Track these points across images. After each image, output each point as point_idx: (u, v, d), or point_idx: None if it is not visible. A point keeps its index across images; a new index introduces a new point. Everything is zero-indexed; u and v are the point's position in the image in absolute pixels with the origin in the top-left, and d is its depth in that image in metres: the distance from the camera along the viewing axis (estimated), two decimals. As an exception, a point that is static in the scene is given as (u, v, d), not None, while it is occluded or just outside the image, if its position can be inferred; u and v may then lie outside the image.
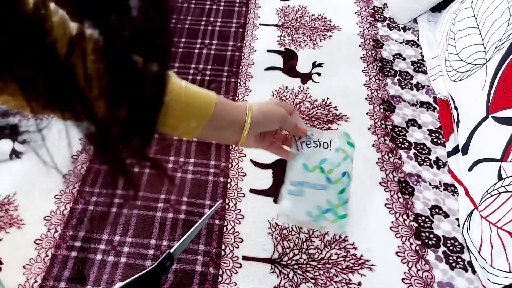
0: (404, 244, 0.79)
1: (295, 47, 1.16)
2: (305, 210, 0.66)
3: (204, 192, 0.87)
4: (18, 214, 0.84)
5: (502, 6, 0.84)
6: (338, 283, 0.75)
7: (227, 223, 0.83)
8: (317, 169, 0.65)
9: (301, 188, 0.65)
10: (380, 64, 1.11)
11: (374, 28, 1.21)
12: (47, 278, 0.76)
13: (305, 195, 0.65)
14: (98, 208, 0.85)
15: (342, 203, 0.68)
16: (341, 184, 0.67)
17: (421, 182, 0.88)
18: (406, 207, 0.84)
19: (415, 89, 1.05)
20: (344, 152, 0.66)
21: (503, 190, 0.71)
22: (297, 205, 0.66)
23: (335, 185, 0.66)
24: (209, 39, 1.19)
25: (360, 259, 0.78)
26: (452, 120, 0.94)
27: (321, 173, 0.65)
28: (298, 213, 0.67)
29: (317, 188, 0.66)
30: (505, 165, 0.72)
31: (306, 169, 0.65)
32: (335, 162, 0.66)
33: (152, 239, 0.80)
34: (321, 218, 0.67)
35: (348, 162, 0.67)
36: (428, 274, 0.76)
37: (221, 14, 1.27)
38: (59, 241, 0.80)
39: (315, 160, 0.65)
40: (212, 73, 1.10)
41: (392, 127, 0.97)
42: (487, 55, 0.84)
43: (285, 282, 0.75)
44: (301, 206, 0.66)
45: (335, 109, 1.01)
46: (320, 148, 0.66)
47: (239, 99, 1.04)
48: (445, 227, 0.81)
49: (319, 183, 0.65)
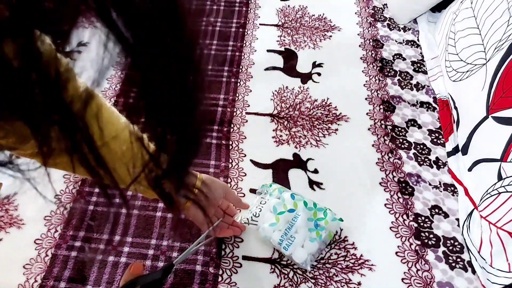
0: (404, 244, 0.79)
1: (295, 47, 1.16)
2: (309, 241, 0.75)
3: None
4: (18, 214, 0.84)
5: (502, 7, 0.84)
6: (338, 283, 0.75)
7: (227, 223, 0.83)
8: (278, 217, 0.77)
9: (287, 236, 0.75)
10: (380, 64, 1.11)
11: (374, 28, 1.21)
12: (47, 278, 0.76)
13: (295, 235, 0.75)
14: (98, 208, 0.85)
15: (315, 208, 0.79)
16: (298, 202, 0.79)
17: (421, 182, 0.88)
18: (406, 207, 0.84)
19: (415, 89, 1.05)
20: (274, 189, 0.82)
21: (503, 190, 0.71)
22: (302, 245, 0.75)
23: (297, 208, 0.78)
24: (209, 39, 1.19)
25: (360, 259, 0.78)
26: (452, 120, 0.94)
27: (283, 215, 0.77)
28: (309, 248, 0.75)
29: (294, 222, 0.76)
30: (505, 165, 0.72)
31: (273, 225, 0.76)
32: (279, 200, 0.80)
33: (152, 239, 0.80)
34: (321, 232, 0.76)
35: (283, 189, 0.83)
36: (427, 274, 0.76)
37: (221, 14, 1.27)
38: (59, 241, 0.80)
39: (270, 217, 0.78)
40: (212, 73, 1.10)
41: (392, 127, 0.97)
42: (487, 55, 0.84)
43: (285, 282, 0.75)
44: (304, 243, 0.75)
45: (335, 109, 1.01)
46: (263, 208, 0.80)
47: (239, 99, 1.04)
48: (445, 227, 0.81)
49: (290, 219, 0.77)
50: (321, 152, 0.93)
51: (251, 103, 1.03)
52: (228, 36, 1.20)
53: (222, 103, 1.03)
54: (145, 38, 0.24)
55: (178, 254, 0.78)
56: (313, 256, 0.75)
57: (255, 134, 0.97)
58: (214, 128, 0.98)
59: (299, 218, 0.76)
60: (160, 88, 0.27)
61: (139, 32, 0.23)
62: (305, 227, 0.76)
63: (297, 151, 0.93)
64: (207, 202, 0.66)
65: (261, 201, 0.81)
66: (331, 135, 0.96)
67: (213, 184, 0.66)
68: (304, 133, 0.96)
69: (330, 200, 0.85)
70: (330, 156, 0.93)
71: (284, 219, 0.76)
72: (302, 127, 0.98)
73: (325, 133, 0.97)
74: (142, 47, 0.24)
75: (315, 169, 0.90)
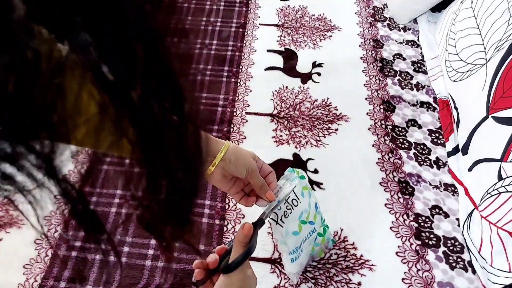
0: (404, 244, 0.79)
1: (295, 47, 1.16)
2: (307, 256, 0.72)
3: (204, 192, 0.87)
4: (18, 214, 0.84)
5: (502, 7, 0.84)
6: (338, 283, 0.75)
7: (227, 223, 0.83)
8: (301, 226, 0.68)
9: (298, 251, 0.69)
10: (380, 64, 1.11)
11: (374, 28, 1.21)
12: (47, 278, 0.76)
13: (303, 248, 0.70)
14: (98, 208, 0.85)
15: (322, 223, 0.73)
16: (318, 215, 0.71)
17: (421, 182, 0.88)
18: (406, 207, 0.84)
19: (415, 89, 1.05)
20: (306, 188, 0.69)
21: (503, 190, 0.71)
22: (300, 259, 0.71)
23: (316, 222, 0.70)
24: (209, 39, 1.19)
25: (360, 259, 0.78)
26: (452, 120, 0.94)
27: (305, 225, 0.68)
28: (302, 261, 0.72)
29: (309, 237, 0.70)
30: (505, 165, 0.72)
31: (296, 234, 0.67)
32: (307, 206, 0.68)
33: (152, 239, 0.80)
34: (316, 247, 0.73)
35: (312, 193, 0.70)
36: (428, 274, 0.76)
37: (221, 14, 1.27)
38: (59, 241, 0.80)
39: (294, 222, 0.67)
40: (212, 73, 1.10)
41: (392, 127, 0.97)
42: (487, 55, 0.84)
43: (285, 282, 0.75)
44: (303, 257, 0.71)
45: (335, 109, 1.01)
46: (293, 209, 0.66)
47: (239, 99, 1.04)
48: (445, 227, 0.81)
49: (307, 233, 0.70)
50: (321, 152, 0.93)
51: (251, 103, 1.03)
52: (228, 36, 1.20)
53: (222, 103, 1.03)
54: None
55: (177, 254, 0.78)
56: (302, 267, 0.73)
57: (255, 134, 0.97)
58: (214, 128, 0.98)
59: (314, 234, 0.70)
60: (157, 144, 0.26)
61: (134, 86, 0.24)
62: (312, 243, 0.71)
63: (297, 151, 0.93)
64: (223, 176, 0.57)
65: (292, 200, 0.66)
66: (331, 135, 0.96)
67: (238, 161, 0.57)
68: (304, 133, 0.96)
69: (330, 200, 0.85)
70: (330, 156, 0.92)
71: (304, 230, 0.68)
72: (302, 127, 0.98)
73: (325, 133, 0.97)
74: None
75: (315, 169, 0.90)
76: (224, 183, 0.59)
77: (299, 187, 0.66)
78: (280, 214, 0.66)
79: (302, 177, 0.68)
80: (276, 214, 0.66)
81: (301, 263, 0.72)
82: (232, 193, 0.62)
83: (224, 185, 0.60)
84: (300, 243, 0.69)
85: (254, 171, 0.59)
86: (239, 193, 0.63)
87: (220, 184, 0.59)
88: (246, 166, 0.58)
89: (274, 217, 0.67)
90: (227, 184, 0.60)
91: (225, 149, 0.56)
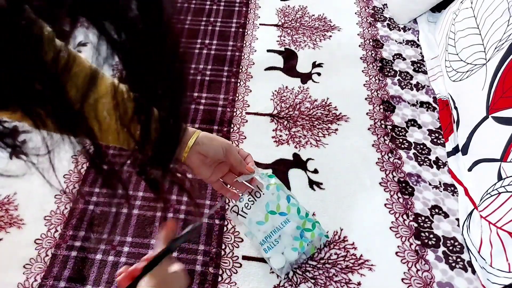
0: (404, 244, 0.79)
1: (295, 47, 1.16)
2: (290, 250, 0.73)
3: (204, 192, 0.87)
4: (18, 214, 0.84)
5: (502, 7, 0.84)
6: (338, 283, 0.75)
7: (227, 222, 0.83)
8: (268, 216, 0.73)
9: (271, 239, 0.73)
10: (380, 64, 1.11)
11: (374, 28, 1.21)
12: (47, 278, 0.76)
13: (279, 240, 0.73)
14: (98, 208, 0.85)
15: (306, 218, 0.76)
16: (292, 207, 0.75)
17: (421, 182, 0.88)
18: (406, 207, 0.84)
19: (415, 89, 1.05)
20: (274, 184, 0.75)
21: (503, 190, 0.71)
22: (282, 252, 0.73)
23: (290, 213, 0.74)
24: (209, 39, 1.19)
25: (360, 259, 0.78)
26: (452, 120, 0.94)
27: (273, 215, 0.73)
28: (288, 256, 0.73)
29: (281, 227, 0.73)
30: (505, 165, 0.72)
31: (261, 224, 0.73)
32: (274, 198, 0.74)
33: (152, 239, 0.80)
34: (305, 243, 0.74)
35: (281, 188, 0.75)
36: (427, 274, 0.76)
37: (221, 14, 1.27)
38: (59, 241, 0.80)
39: (260, 212, 0.73)
40: (212, 73, 1.10)
41: (392, 127, 0.97)
42: (487, 55, 0.84)
43: (285, 282, 0.75)
44: (284, 250, 0.73)
45: (335, 109, 1.01)
46: (256, 200, 0.72)
47: (239, 99, 1.04)
48: (445, 227, 0.81)
49: (278, 222, 0.73)
50: (321, 152, 0.93)
51: (251, 103, 1.03)
52: (228, 36, 1.20)
53: (222, 103, 1.03)
54: (133, 40, 0.26)
55: (177, 254, 0.78)
56: (290, 265, 0.74)
57: (255, 134, 0.97)
58: (214, 128, 0.98)
59: (288, 225, 0.73)
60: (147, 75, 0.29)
61: (128, 36, 0.26)
62: (291, 234, 0.73)
63: (297, 151, 0.93)
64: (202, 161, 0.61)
65: (256, 193, 0.73)
66: (331, 135, 0.96)
67: (212, 142, 0.60)
68: (304, 133, 0.96)
69: (330, 200, 0.85)
70: (330, 156, 0.93)
71: (272, 220, 0.73)
72: (302, 127, 0.98)
73: (325, 133, 0.97)
74: (130, 47, 0.26)
75: (315, 169, 0.90)
76: (204, 169, 0.61)
77: (265, 182, 0.73)
78: (241, 206, 0.72)
79: (271, 176, 0.76)
80: (237, 206, 0.72)
81: (287, 257, 0.73)
82: (213, 181, 0.64)
83: (204, 171, 0.62)
84: (270, 233, 0.73)
85: (231, 149, 0.62)
86: (219, 183, 0.66)
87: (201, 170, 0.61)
88: (221, 146, 0.61)
89: (235, 210, 0.73)
90: (207, 170, 0.62)
91: (196, 135, 0.60)
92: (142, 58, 0.28)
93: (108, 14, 0.24)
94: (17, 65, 0.24)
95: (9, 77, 0.24)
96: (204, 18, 1.25)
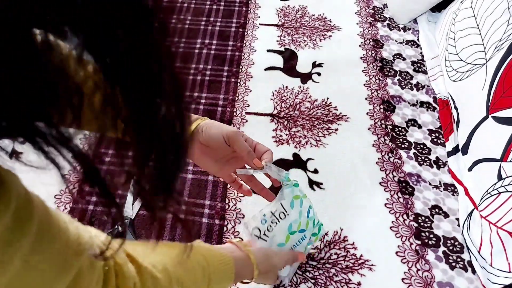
0: (404, 244, 0.79)
1: (295, 47, 1.16)
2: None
3: (204, 192, 0.87)
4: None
5: (502, 6, 0.84)
6: (338, 283, 0.75)
7: (227, 222, 0.83)
8: (289, 237, 0.66)
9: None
10: (380, 64, 1.11)
11: (374, 28, 1.21)
12: (47, 278, 0.75)
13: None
14: (98, 208, 0.85)
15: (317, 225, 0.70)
16: (310, 220, 0.68)
17: (421, 182, 0.88)
18: (406, 207, 0.84)
19: (415, 89, 1.05)
20: (298, 197, 0.65)
21: (503, 190, 0.71)
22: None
23: (307, 228, 0.68)
24: (209, 39, 1.19)
25: (360, 259, 0.78)
26: (452, 120, 0.94)
27: (293, 235, 0.66)
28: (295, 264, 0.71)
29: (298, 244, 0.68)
30: (505, 165, 0.72)
31: (282, 245, 0.65)
32: (297, 216, 0.65)
33: (152, 239, 0.80)
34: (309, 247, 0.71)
35: (304, 199, 0.66)
36: (428, 274, 0.76)
37: (221, 14, 1.27)
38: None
39: (282, 235, 0.65)
40: (212, 73, 1.10)
41: (392, 127, 0.97)
42: (487, 55, 0.84)
43: (285, 282, 0.75)
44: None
45: (335, 109, 1.01)
46: (279, 222, 0.64)
47: (239, 99, 1.04)
48: (445, 227, 0.81)
49: (296, 241, 0.67)
50: (321, 152, 0.93)
51: (251, 103, 1.03)
52: (228, 36, 1.20)
53: (222, 103, 1.03)
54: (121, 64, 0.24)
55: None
56: (293, 269, 0.72)
57: (255, 134, 0.97)
58: (214, 128, 0.98)
59: (305, 240, 0.68)
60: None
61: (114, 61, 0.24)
62: (304, 246, 0.69)
63: (297, 151, 0.93)
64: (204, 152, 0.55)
65: (280, 214, 0.64)
66: (331, 135, 0.96)
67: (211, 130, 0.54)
68: (304, 133, 0.96)
69: (330, 200, 0.85)
70: (330, 156, 0.92)
71: (291, 240, 0.66)
72: (302, 127, 0.98)
73: (325, 133, 0.97)
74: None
75: (315, 169, 0.90)
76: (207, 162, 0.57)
77: (290, 197, 0.64)
78: (263, 229, 0.63)
79: (296, 184, 0.65)
80: (259, 229, 0.63)
81: (293, 266, 0.71)
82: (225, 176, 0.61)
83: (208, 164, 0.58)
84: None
85: (235, 136, 0.55)
86: (231, 176, 0.62)
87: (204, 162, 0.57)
88: (222, 133, 0.55)
89: (256, 233, 0.64)
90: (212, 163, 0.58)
91: (197, 123, 0.55)
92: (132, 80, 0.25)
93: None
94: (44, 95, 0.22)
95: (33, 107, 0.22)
96: (204, 18, 1.25)
